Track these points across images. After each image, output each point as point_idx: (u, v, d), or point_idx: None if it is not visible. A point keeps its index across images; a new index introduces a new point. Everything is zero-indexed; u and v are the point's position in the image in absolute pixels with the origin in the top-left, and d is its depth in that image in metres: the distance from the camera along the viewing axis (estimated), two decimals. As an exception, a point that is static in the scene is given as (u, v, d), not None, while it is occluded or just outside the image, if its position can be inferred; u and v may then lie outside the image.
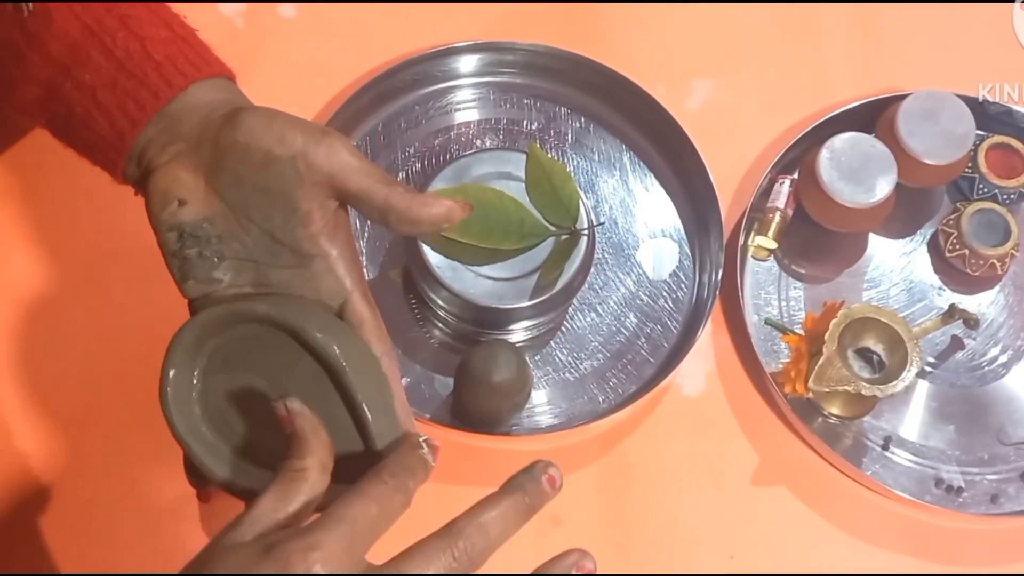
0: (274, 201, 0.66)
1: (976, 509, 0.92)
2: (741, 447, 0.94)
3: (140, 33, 0.68)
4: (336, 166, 0.66)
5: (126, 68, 0.68)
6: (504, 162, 0.92)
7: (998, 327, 0.99)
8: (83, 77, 0.68)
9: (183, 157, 0.67)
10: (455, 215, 0.69)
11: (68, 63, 0.68)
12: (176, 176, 0.67)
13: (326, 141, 0.66)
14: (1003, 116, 1.02)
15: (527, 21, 1.06)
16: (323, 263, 0.67)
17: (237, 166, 0.66)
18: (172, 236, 0.67)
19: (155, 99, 0.67)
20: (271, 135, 0.65)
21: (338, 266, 0.67)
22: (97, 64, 0.68)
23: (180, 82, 0.68)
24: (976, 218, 0.98)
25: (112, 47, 0.68)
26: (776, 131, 1.04)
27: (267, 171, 0.65)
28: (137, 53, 0.68)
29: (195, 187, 0.66)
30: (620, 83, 1.01)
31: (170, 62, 0.68)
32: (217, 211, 0.66)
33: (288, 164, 0.65)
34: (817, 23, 1.09)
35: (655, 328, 0.96)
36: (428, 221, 0.68)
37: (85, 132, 0.69)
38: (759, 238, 0.98)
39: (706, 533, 0.91)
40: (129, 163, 0.69)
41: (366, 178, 0.67)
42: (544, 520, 0.90)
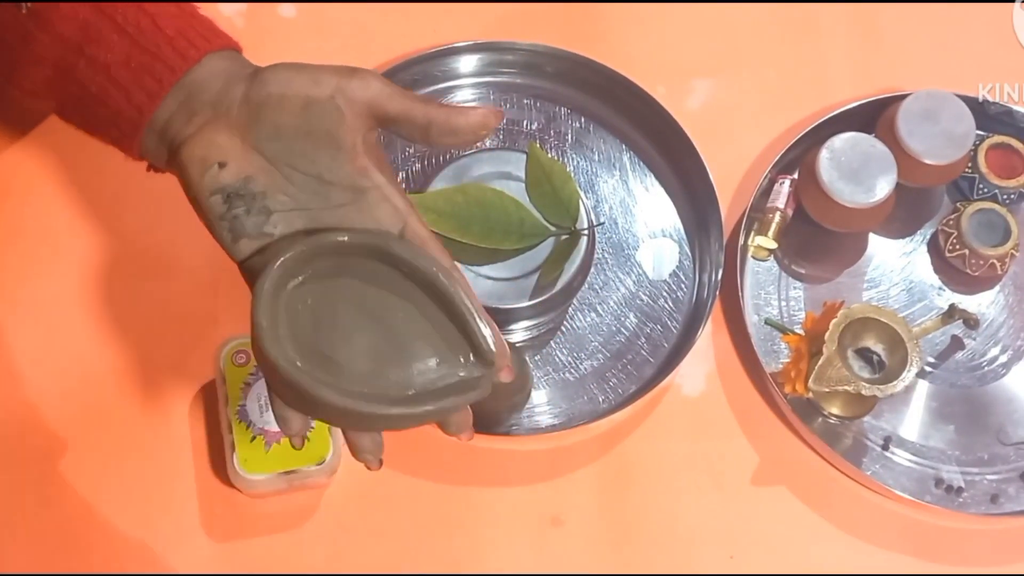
0: (317, 142, 0.67)
1: (976, 509, 0.92)
2: (741, 447, 0.94)
3: (149, 9, 0.69)
4: (373, 94, 0.68)
5: (139, 44, 0.68)
6: (504, 162, 0.92)
7: (998, 327, 0.99)
8: (97, 55, 0.68)
9: (213, 123, 0.68)
10: (491, 120, 0.69)
11: (80, 42, 0.68)
12: (211, 141, 0.67)
13: (358, 75, 0.68)
14: (1003, 116, 1.02)
15: (527, 21, 1.06)
16: (377, 193, 0.67)
17: (275, 117, 0.67)
18: (217, 199, 0.67)
19: (171, 72, 0.68)
20: (304, 80, 0.67)
21: (391, 193, 0.68)
22: (110, 42, 0.68)
23: (194, 55, 0.68)
24: (976, 218, 0.98)
25: (124, 24, 0.68)
26: (776, 131, 1.04)
27: (308, 113, 0.66)
28: (149, 28, 0.69)
29: (232, 148, 0.67)
30: (620, 83, 1.01)
31: (182, 36, 0.69)
32: (258, 168, 0.67)
33: (328, 103, 0.67)
34: (817, 23, 1.09)
35: (655, 328, 0.96)
36: (467, 128, 0.69)
37: (101, 110, 0.70)
38: (759, 238, 0.98)
39: (706, 533, 0.91)
40: (148, 139, 0.70)
41: (404, 99, 0.68)
42: (544, 520, 0.91)
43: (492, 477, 0.91)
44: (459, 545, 0.89)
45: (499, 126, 1.01)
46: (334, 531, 0.89)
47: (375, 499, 0.90)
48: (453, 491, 0.91)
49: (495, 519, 0.90)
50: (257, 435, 0.86)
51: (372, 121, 0.68)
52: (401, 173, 0.99)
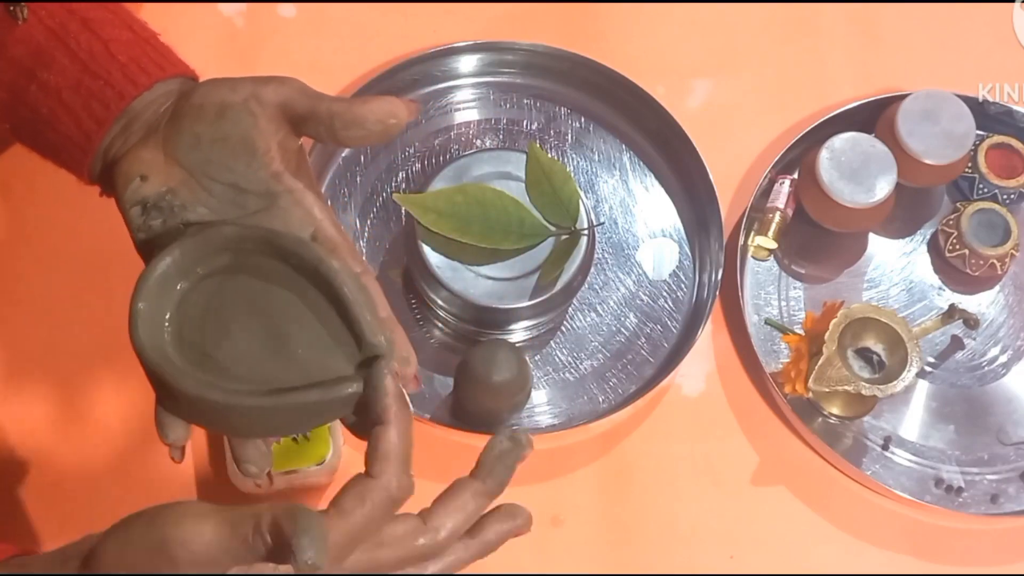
0: (233, 149, 0.66)
1: (976, 509, 0.92)
2: (741, 447, 0.94)
3: (103, 35, 0.69)
4: (284, 96, 0.67)
5: (90, 69, 0.68)
6: (504, 162, 0.92)
7: (998, 327, 0.99)
8: (48, 79, 0.68)
9: (143, 140, 0.68)
10: (399, 110, 0.67)
11: (32, 66, 0.68)
12: (137, 156, 0.67)
13: (275, 80, 0.67)
14: (1003, 116, 1.02)
15: (527, 21, 1.06)
16: (288, 198, 0.67)
17: (193, 126, 0.66)
18: (136, 211, 0.67)
19: (119, 98, 0.68)
20: (222, 88, 0.67)
21: (304, 198, 0.67)
22: (62, 66, 0.68)
23: (144, 81, 0.68)
24: (976, 218, 0.98)
25: (76, 49, 0.68)
26: (776, 131, 1.04)
27: (222, 120, 0.66)
28: (101, 54, 0.68)
29: (155, 162, 0.67)
30: (620, 83, 1.01)
31: (134, 62, 0.69)
32: (178, 180, 0.67)
33: (241, 107, 0.66)
34: (817, 23, 1.09)
35: (655, 328, 0.96)
36: (371, 118, 0.67)
37: (51, 134, 0.70)
38: (759, 238, 0.98)
39: (706, 533, 0.91)
40: (96, 163, 0.70)
41: (311, 98, 0.67)
42: (544, 520, 0.90)
43: (492, 477, 0.91)
44: (459, 545, 0.89)
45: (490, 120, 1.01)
46: (334, 531, 0.88)
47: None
48: (453, 491, 0.91)
49: (495, 519, 0.90)
50: (257, 435, 0.86)
51: (287, 125, 0.67)
52: (401, 173, 0.99)
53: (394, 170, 0.99)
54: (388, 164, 0.99)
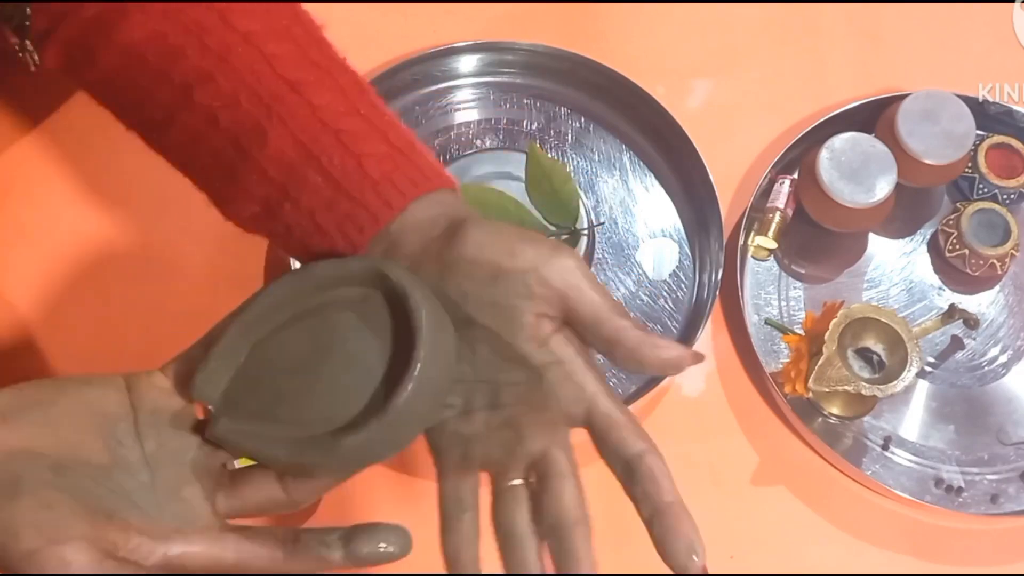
0: (499, 315, 0.61)
1: (976, 509, 0.92)
2: (741, 447, 0.94)
3: (356, 151, 0.65)
4: (570, 286, 0.61)
5: (343, 188, 0.65)
6: (504, 162, 0.93)
7: (998, 327, 0.99)
8: (300, 199, 0.65)
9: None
10: (685, 363, 0.62)
11: (285, 183, 0.65)
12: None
13: (559, 258, 0.62)
14: (1003, 116, 1.02)
15: (527, 21, 1.06)
16: (558, 370, 0.61)
17: (463, 282, 0.62)
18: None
19: (375, 221, 0.64)
20: (500, 248, 0.62)
21: (575, 371, 0.61)
22: (315, 185, 0.65)
23: (399, 202, 0.64)
24: (976, 218, 0.98)
25: (329, 167, 0.65)
26: (776, 131, 1.04)
27: (495, 285, 0.61)
28: (354, 172, 0.65)
29: None
30: (620, 83, 1.01)
31: (387, 180, 0.65)
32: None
33: (519, 278, 0.61)
34: (817, 23, 1.09)
35: (655, 328, 0.96)
36: (657, 365, 0.61)
37: (305, 254, 0.67)
38: (759, 238, 0.98)
39: (706, 533, 0.91)
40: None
41: (599, 306, 0.62)
42: (544, 520, 0.90)
43: (492, 477, 0.91)
44: (459, 545, 0.89)
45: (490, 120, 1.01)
46: (334, 531, 0.88)
47: (375, 499, 0.90)
48: (453, 491, 0.91)
49: (495, 519, 0.90)
50: (257, 435, 0.86)
51: (560, 310, 0.62)
52: (401, 173, 0.99)
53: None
54: (388, 164, 0.99)
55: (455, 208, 0.66)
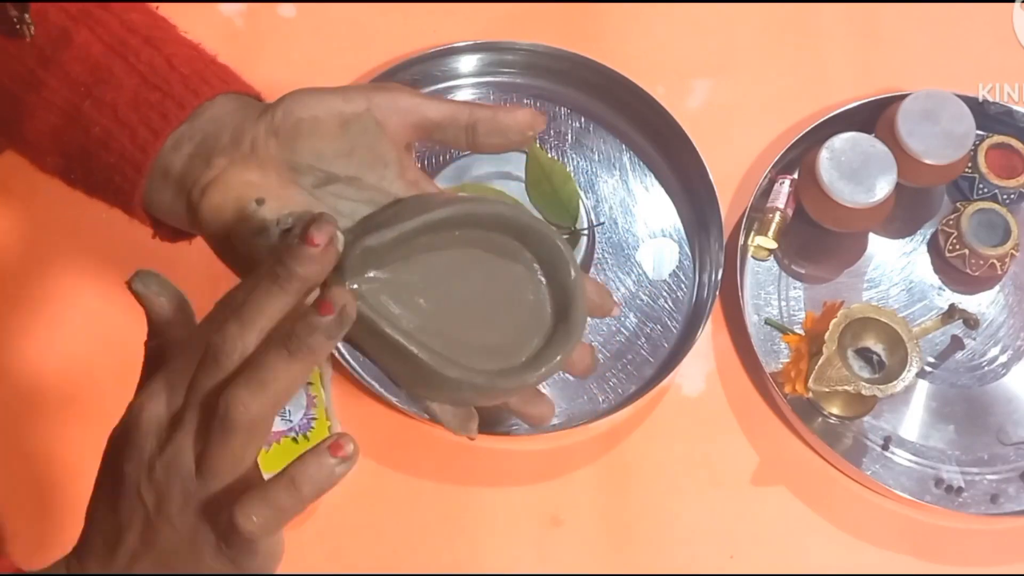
0: (361, 162, 0.62)
1: (976, 509, 0.92)
2: (741, 447, 0.94)
3: (165, 50, 0.65)
4: (409, 104, 0.64)
5: (150, 81, 0.64)
6: (504, 162, 0.92)
7: (998, 327, 0.99)
8: (104, 95, 0.64)
9: (239, 162, 0.63)
10: (538, 121, 0.65)
11: (89, 82, 0.65)
12: (241, 180, 0.62)
13: (386, 87, 0.64)
14: (1003, 116, 1.02)
15: (527, 21, 1.06)
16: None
17: (312, 142, 0.62)
18: (260, 242, 0.61)
19: (180, 108, 0.64)
20: (333, 99, 0.63)
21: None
22: (119, 81, 0.65)
23: (207, 91, 0.64)
24: (976, 218, 0.98)
25: (136, 63, 0.65)
26: (776, 131, 1.04)
27: (346, 132, 0.62)
28: (162, 67, 0.65)
29: (267, 184, 0.62)
30: (620, 83, 1.01)
31: (197, 75, 0.65)
32: (300, 203, 0.61)
33: (366, 116, 0.62)
34: (817, 23, 1.08)
35: (655, 328, 0.96)
36: (515, 127, 0.65)
37: (105, 154, 0.65)
38: (759, 238, 0.98)
39: (706, 533, 0.91)
40: (163, 191, 0.65)
41: (444, 103, 0.65)
42: (544, 520, 0.90)
43: (492, 477, 0.91)
44: (459, 545, 0.89)
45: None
46: (334, 531, 0.89)
47: (375, 499, 0.90)
48: (453, 491, 0.91)
49: (495, 519, 0.90)
50: (257, 435, 0.86)
51: (412, 131, 0.64)
52: (401, 173, 0.99)
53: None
54: (388, 164, 0.99)
55: (264, 103, 0.65)
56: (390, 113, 0.63)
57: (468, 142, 0.65)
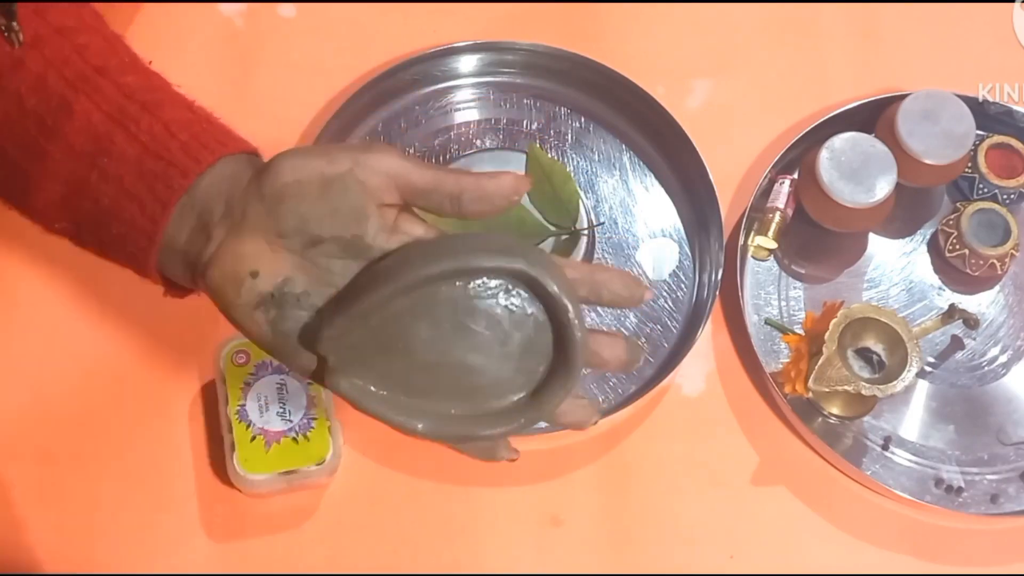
0: (345, 220, 0.63)
1: (976, 509, 0.92)
2: (741, 447, 0.94)
3: (163, 117, 0.66)
4: (394, 168, 0.63)
5: (152, 150, 0.65)
6: (504, 162, 0.93)
7: (998, 327, 0.99)
8: (108, 167, 0.65)
9: (233, 233, 0.64)
10: (522, 186, 0.65)
11: (92, 153, 0.66)
12: (235, 253, 0.63)
13: (374, 148, 0.64)
14: (1003, 116, 1.02)
15: (527, 21, 1.06)
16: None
17: (296, 206, 0.62)
18: (259, 314, 0.62)
19: (183, 176, 0.65)
20: (317, 161, 0.63)
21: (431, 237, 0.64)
22: (122, 151, 0.65)
23: (207, 158, 0.65)
24: (976, 218, 0.98)
25: (137, 132, 0.65)
26: (776, 131, 1.04)
27: (328, 193, 0.62)
28: (161, 135, 0.66)
29: (259, 253, 0.63)
30: (620, 83, 1.01)
31: (195, 140, 0.66)
32: (291, 266, 0.63)
33: (348, 177, 0.62)
34: (817, 23, 1.09)
35: (655, 328, 0.96)
36: (498, 194, 0.64)
37: (115, 225, 0.66)
38: (759, 238, 0.98)
39: (706, 533, 0.91)
40: (172, 263, 0.66)
41: (432, 171, 0.64)
42: (544, 520, 0.90)
43: (492, 477, 0.91)
44: (459, 545, 0.89)
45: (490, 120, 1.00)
46: (334, 531, 0.89)
47: (375, 499, 0.90)
48: (453, 491, 0.91)
49: (495, 519, 0.90)
50: (257, 435, 0.86)
51: (395, 194, 0.64)
52: (401, 173, 0.99)
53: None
54: (388, 164, 0.99)
55: (261, 162, 0.66)
56: (373, 175, 0.63)
57: (453, 209, 0.65)
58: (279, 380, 0.88)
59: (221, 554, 0.88)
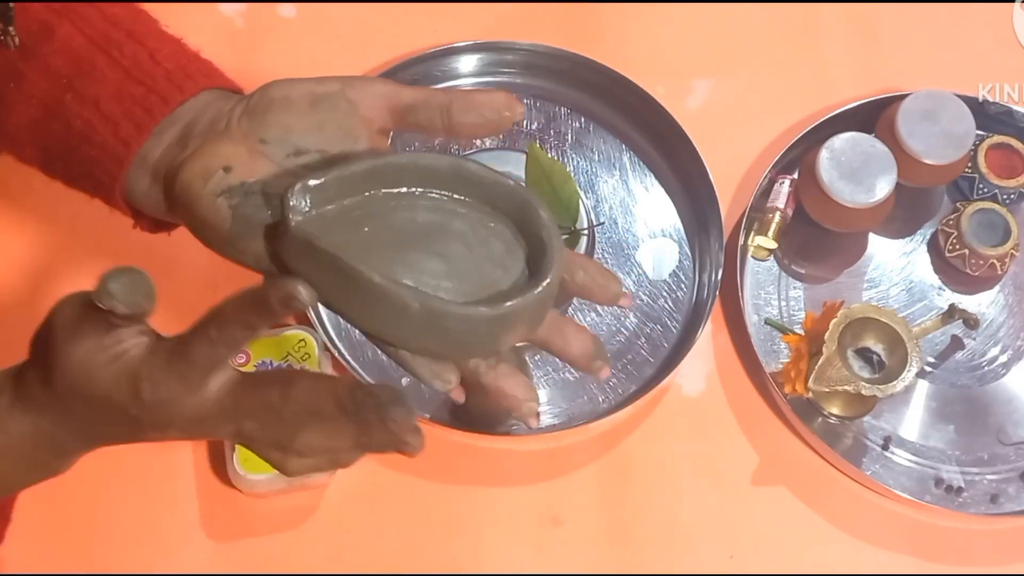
0: (332, 136, 0.62)
1: (976, 509, 0.92)
2: (741, 447, 0.94)
3: (148, 44, 0.66)
4: (385, 89, 0.64)
5: (134, 76, 0.65)
6: (504, 162, 0.92)
7: (998, 327, 0.99)
8: (86, 89, 0.65)
9: (212, 140, 0.63)
10: (514, 104, 0.64)
11: (71, 75, 0.65)
12: (213, 152, 0.61)
13: (359, 77, 0.64)
14: (1003, 116, 1.02)
15: (527, 21, 1.06)
16: None
17: (282, 117, 0.62)
18: (223, 200, 0.60)
19: (164, 103, 0.64)
20: (306, 82, 0.63)
21: None
22: (102, 74, 0.65)
23: (191, 87, 0.65)
24: (976, 218, 0.98)
25: (119, 57, 0.65)
26: (776, 131, 1.04)
27: (316, 109, 0.62)
28: (146, 61, 0.65)
29: (237, 154, 0.61)
30: (620, 83, 1.01)
31: (181, 70, 0.65)
32: (267, 173, 0.61)
33: (338, 95, 0.63)
34: (817, 23, 1.09)
35: (655, 328, 0.96)
36: (490, 106, 0.63)
37: (85, 148, 0.66)
38: (759, 238, 0.98)
39: (706, 533, 0.91)
40: (139, 181, 0.65)
41: (419, 89, 0.64)
42: (544, 520, 0.90)
43: (492, 477, 0.91)
44: (459, 545, 0.89)
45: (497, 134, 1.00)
46: (334, 531, 0.89)
47: (375, 499, 0.90)
48: (453, 491, 0.91)
49: (495, 519, 0.90)
50: (257, 435, 0.86)
51: (386, 114, 0.64)
52: (401, 173, 0.99)
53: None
54: (388, 164, 0.99)
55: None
56: (364, 95, 0.63)
57: (443, 123, 0.64)
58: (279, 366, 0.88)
59: (221, 554, 0.88)
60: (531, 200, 0.61)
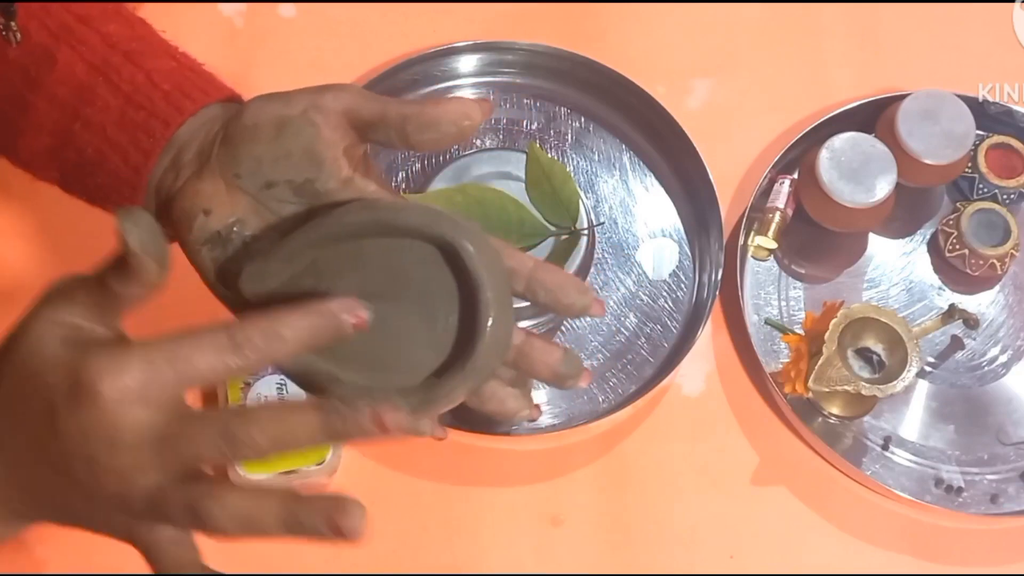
0: (298, 164, 0.62)
1: (976, 509, 0.92)
2: (741, 447, 0.94)
3: (145, 66, 0.66)
4: (346, 103, 0.63)
5: (134, 101, 0.66)
6: (504, 162, 0.92)
7: (998, 327, 0.99)
8: (92, 117, 0.66)
9: (198, 172, 0.64)
10: (473, 111, 0.63)
11: (76, 104, 0.66)
12: (195, 191, 0.63)
13: (332, 88, 0.64)
14: (1003, 116, 1.02)
15: (527, 21, 1.06)
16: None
17: (251, 149, 0.63)
18: (206, 250, 0.63)
19: (165, 127, 0.65)
20: (275, 104, 0.63)
21: (379, 198, 0.63)
22: (105, 101, 0.66)
23: (189, 107, 0.66)
24: (976, 218, 0.98)
25: (119, 82, 0.66)
26: (776, 131, 1.04)
27: (282, 135, 0.62)
28: (144, 85, 0.66)
29: (215, 193, 0.63)
30: (620, 83, 1.01)
31: (178, 90, 0.66)
32: (244, 208, 0.63)
33: (301, 119, 0.62)
34: (817, 23, 1.09)
35: (655, 328, 0.96)
36: (445, 119, 0.63)
37: (100, 175, 0.67)
38: (759, 238, 0.98)
39: (706, 533, 0.91)
40: (148, 201, 0.67)
41: (377, 102, 0.64)
42: (544, 520, 0.90)
43: (492, 477, 0.91)
44: (459, 545, 0.89)
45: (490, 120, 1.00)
46: (334, 531, 0.88)
47: (375, 499, 0.90)
48: (453, 491, 0.91)
49: (495, 519, 0.90)
50: (257, 435, 0.86)
51: (352, 133, 0.64)
52: (401, 173, 0.99)
53: (394, 170, 0.99)
54: (388, 164, 0.99)
55: (239, 108, 0.66)
56: (328, 115, 0.63)
57: (402, 140, 0.63)
58: (279, 380, 0.88)
59: (222, 554, 0.88)
60: (456, 243, 0.59)
